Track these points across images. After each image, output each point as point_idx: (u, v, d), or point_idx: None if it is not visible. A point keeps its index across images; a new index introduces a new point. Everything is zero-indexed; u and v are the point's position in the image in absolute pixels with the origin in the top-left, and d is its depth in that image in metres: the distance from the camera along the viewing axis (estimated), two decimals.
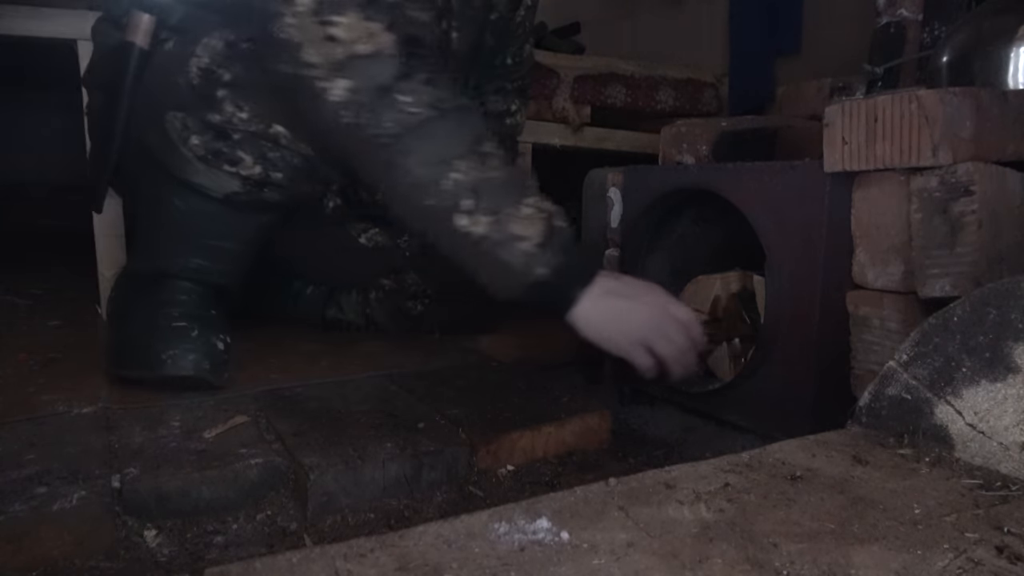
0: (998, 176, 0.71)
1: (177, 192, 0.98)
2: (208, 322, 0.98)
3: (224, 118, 0.95)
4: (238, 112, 0.95)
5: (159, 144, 0.97)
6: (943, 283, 0.72)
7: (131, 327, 0.97)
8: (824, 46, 1.76)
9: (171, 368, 0.92)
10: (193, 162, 0.96)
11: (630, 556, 0.45)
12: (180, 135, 0.96)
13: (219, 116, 0.95)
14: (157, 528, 0.68)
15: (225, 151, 0.96)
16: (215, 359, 0.95)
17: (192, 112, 0.96)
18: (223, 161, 0.96)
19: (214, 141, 0.96)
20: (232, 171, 0.97)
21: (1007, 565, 0.44)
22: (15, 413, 0.85)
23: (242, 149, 0.96)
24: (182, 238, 1.00)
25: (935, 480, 0.56)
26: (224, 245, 1.02)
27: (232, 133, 0.96)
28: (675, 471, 0.58)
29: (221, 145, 0.96)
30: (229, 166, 0.96)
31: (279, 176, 0.99)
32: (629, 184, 1.12)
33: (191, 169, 0.96)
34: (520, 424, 0.86)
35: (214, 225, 1.01)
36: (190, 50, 0.96)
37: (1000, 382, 0.58)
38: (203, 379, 0.93)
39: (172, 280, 0.99)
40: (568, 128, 1.74)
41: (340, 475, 0.73)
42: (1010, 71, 0.89)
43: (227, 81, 0.95)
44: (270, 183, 0.99)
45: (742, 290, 1.07)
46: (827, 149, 0.80)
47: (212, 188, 0.97)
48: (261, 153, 0.97)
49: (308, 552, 0.45)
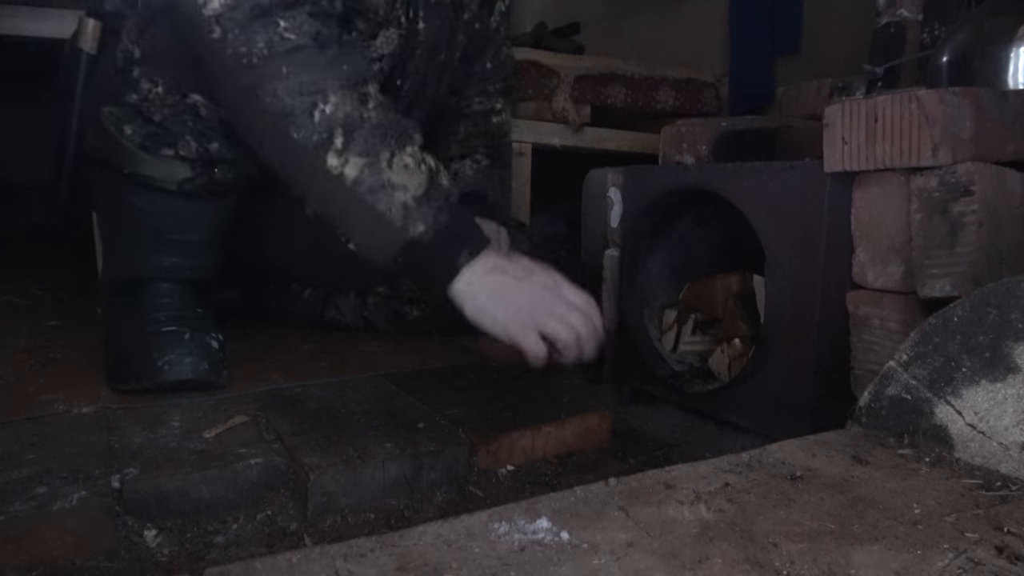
0: (998, 176, 0.71)
1: (133, 191, 0.96)
2: (198, 322, 0.97)
3: (141, 96, 0.93)
4: (154, 88, 0.93)
5: (101, 143, 0.96)
6: (943, 283, 0.72)
7: (121, 340, 0.96)
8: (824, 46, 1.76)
9: (169, 374, 0.92)
10: (136, 152, 0.94)
11: (630, 556, 0.45)
12: (116, 127, 0.94)
13: (136, 95, 0.93)
14: (157, 528, 0.68)
15: (159, 133, 0.94)
16: (212, 358, 0.95)
17: (119, 100, 0.94)
18: (161, 145, 0.94)
19: (144, 126, 0.94)
20: (172, 154, 0.94)
21: (1007, 565, 0.44)
22: (15, 413, 0.85)
23: (171, 127, 0.93)
24: (149, 238, 0.98)
25: (935, 480, 0.56)
26: (191, 238, 1.00)
27: (154, 113, 0.93)
28: (675, 471, 0.58)
29: (152, 128, 0.94)
30: (168, 149, 0.94)
31: (216, 147, 0.95)
32: (629, 184, 1.12)
33: (137, 160, 0.94)
34: (520, 424, 0.86)
35: (177, 219, 0.98)
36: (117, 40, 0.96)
37: (1000, 382, 0.58)
38: (203, 380, 0.93)
39: (150, 284, 0.98)
40: (568, 128, 1.74)
41: (340, 475, 0.73)
42: (1010, 71, 0.89)
43: (138, 58, 0.94)
44: (215, 159, 0.96)
45: (742, 290, 1.07)
46: (827, 149, 0.80)
47: (164, 179, 0.95)
48: (188, 127, 0.94)
49: (308, 552, 0.45)
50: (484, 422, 0.86)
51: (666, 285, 1.16)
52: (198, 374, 0.93)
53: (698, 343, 1.11)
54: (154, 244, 0.98)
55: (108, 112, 0.95)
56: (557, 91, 1.71)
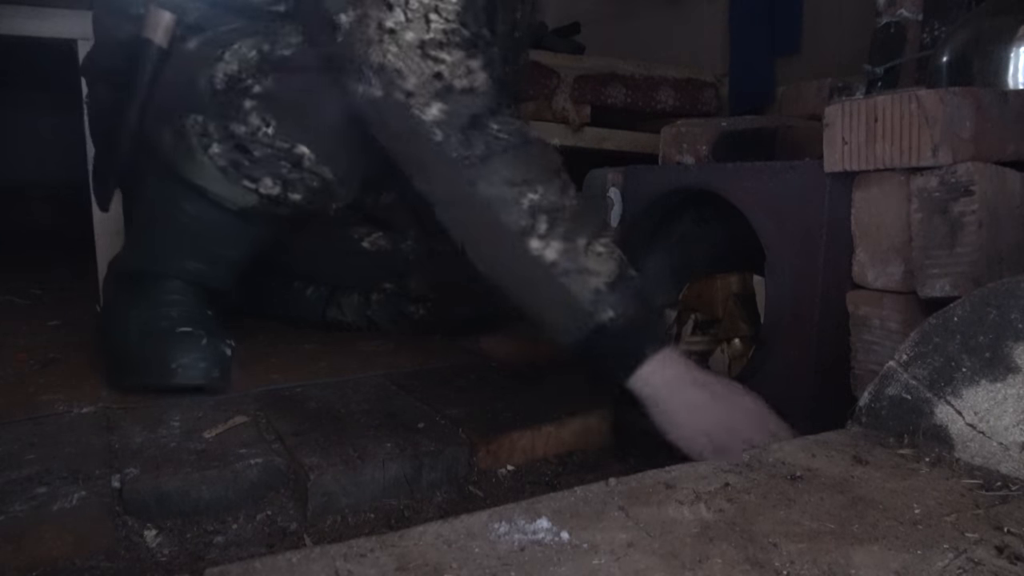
0: (998, 176, 0.71)
1: (188, 197, 0.96)
2: (211, 327, 0.97)
3: (249, 130, 0.92)
4: (264, 127, 0.92)
5: (175, 146, 0.94)
6: (943, 283, 0.72)
7: (130, 334, 0.96)
8: (824, 46, 1.76)
9: (182, 377, 0.91)
10: (211, 170, 0.93)
11: (630, 556, 0.45)
12: (200, 141, 0.92)
13: (244, 128, 0.92)
14: (157, 528, 0.68)
15: (246, 165, 0.93)
16: (224, 365, 0.95)
17: (214, 118, 0.92)
18: (243, 176, 0.94)
19: (235, 152, 0.93)
20: (252, 188, 0.94)
21: (1007, 565, 0.44)
22: (15, 413, 0.85)
23: (263, 166, 0.94)
24: (186, 243, 0.99)
25: (935, 480, 0.56)
26: (228, 253, 1.02)
27: (255, 149, 0.93)
28: (675, 471, 0.58)
29: (242, 158, 0.93)
30: (249, 183, 0.94)
31: (297, 198, 0.97)
32: (629, 184, 1.12)
33: (208, 177, 0.94)
34: (520, 424, 0.86)
35: (222, 234, 0.99)
36: (217, 54, 0.92)
37: (1000, 382, 0.58)
38: (213, 387, 0.93)
39: (165, 280, 0.98)
40: (568, 128, 1.74)
41: (340, 475, 0.73)
42: (1010, 71, 0.89)
43: (257, 93, 0.92)
44: (287, 203, 0.97)
45: (742, 290, 1.07)
46: (827, 149, 0.80)
47: (228, 200, 0.95)
48: (281, 173, 0.94)
49: (308, 552, 0.45)
50: (484, 422, 0.86)
51: (666, 285, 1.16)
52: (210, 381, 0.93)
53: (698, 343, 1.11)
54: (188, 248, 0.99)
55: (196, 122, 0.92)
56: (557, 91, 1.71)
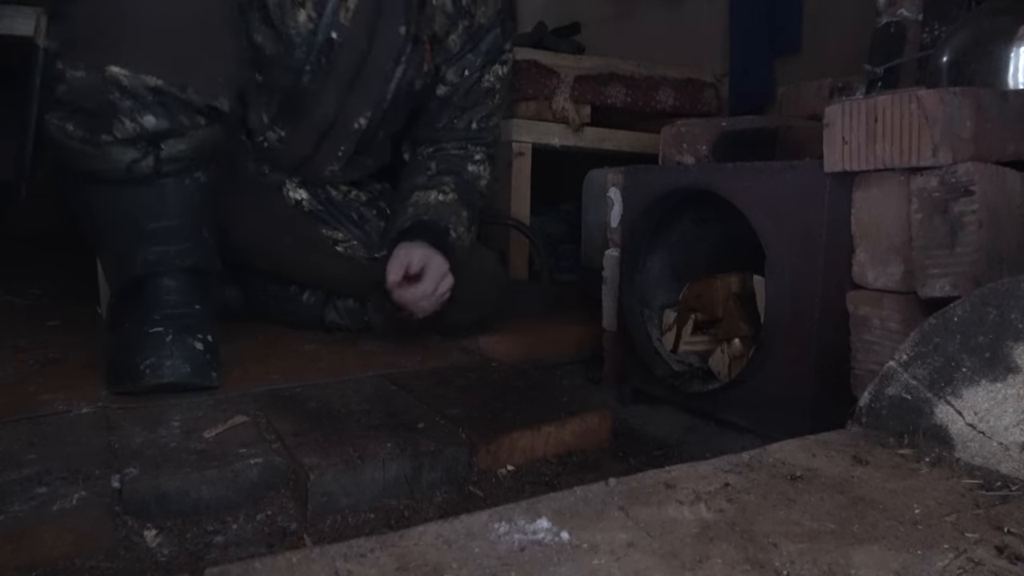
0: (998, 176, 0.71)
1: (94, 191, 0.95)
2: (185, 323, 0.95)
3: (68, 87, 0.90)
4: (75, 72, 0.90)
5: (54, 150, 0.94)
6: (943, 283, 0.72)
7: (118, 341, 0.96)
8: (824, 46, 1.76)
9: (151, 377, 0.91)
10: (83, 149, 0.91)
11: (630, 556, 0.45)
12: (60, 130, 0.92)
13: (64, 85, 0.91)
14: (157, 528, 0.68)
15: (94, 120, 0.90)
16: (195, 360, 0.93)
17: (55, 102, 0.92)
18: (99, 132, 0.91)
19: (79, 116, 0.91)
20: (111, 139, 0.91)
21: (1007, 565, 0.44)
22: (15, 413, 0.84)
23: (102, 109, 0.90)
24: (128, 234, 0.97)
25: (935, 480, 0.56)
26: (166, 223, 0.98)
27: (84, 100, 0.90)
28: (675, 471, 0.58)
29: (85, 117, 0.91)
30: (106, 135, 0.91)
31: (152, 120, 0.92)
32: (629, 184, 1.12)
33: (85, 157, 0.92)
34: (520, 424, 0.86)
35: (145, 208, 0.96)
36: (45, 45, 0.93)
37: (1000, 382, 0.58)
38: (186, 383, 0.92)
39: (150, 280, 0.97)
40: (568, 128, 1.74)
41: (340, 475, 0.73)
42: (1010, 71, 0.89)
43: (58, 50, 0.92)
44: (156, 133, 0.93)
45: (742, 290, 1.07)
46: (827, 149, 0.80)
47: (114, 167, 0.92)
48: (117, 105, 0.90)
49: (308, 552, 0.45)
50: (484, 422, 0.86)
51: (666, 285, 1.16)
52: (179, 377, 0.92)
53: (698, 343, 1.11)
54: (134, 239, 0.97)
55: (50, 117, 0.92)
56: (557, 91, 1.71)
